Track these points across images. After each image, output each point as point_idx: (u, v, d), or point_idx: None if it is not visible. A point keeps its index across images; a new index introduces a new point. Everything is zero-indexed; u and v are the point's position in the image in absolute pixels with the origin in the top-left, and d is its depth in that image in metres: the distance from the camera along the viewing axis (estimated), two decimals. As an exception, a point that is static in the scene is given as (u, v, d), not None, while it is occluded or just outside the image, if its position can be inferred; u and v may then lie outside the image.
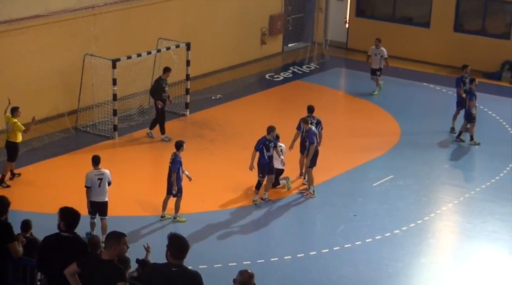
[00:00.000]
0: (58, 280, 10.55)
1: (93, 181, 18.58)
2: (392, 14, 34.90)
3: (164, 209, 20.15)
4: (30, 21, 24.63)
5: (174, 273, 9.68)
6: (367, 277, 18.19)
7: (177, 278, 9.67)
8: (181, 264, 9.73)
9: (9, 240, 11.24)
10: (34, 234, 14.38)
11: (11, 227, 11.75)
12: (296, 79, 31.94)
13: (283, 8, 34.36)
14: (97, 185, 18.60)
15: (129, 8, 27.53)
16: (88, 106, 26.00)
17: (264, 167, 21.09)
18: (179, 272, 9.68)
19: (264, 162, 21.03)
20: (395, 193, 22.41)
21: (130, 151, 24.69)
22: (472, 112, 25.43)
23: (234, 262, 18.28)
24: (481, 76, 30.99)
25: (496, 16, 33.58)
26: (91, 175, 18.64)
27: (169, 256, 9.74)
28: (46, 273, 11.06)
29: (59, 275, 10.41)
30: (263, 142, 20.99)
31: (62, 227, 10.70)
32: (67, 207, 10.87)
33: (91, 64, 25.67)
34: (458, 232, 20.77)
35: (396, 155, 24.96)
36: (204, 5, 30.42)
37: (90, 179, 18.58)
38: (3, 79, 24.27)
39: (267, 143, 20.98)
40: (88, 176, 18.65)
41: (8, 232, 11.33)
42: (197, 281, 9.72)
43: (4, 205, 11.45)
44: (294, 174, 22.61)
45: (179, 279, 9.67)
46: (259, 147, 20.95)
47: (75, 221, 10.74)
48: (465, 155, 25.47)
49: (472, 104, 25.42)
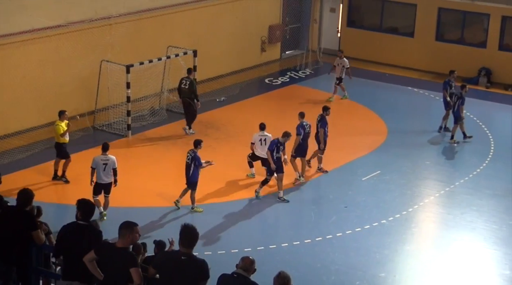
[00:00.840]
0: (75, 264, 10.57)
1: (98, 164, 19.05)
2: (379, 24, 34.83)
3: (181, 196, 20.29)
4: (52, 30, 24.61)
5: (182, 261, 9.66)
6: (357, 263, 18.19)
7: (185, 265, 9.65)
8: (190, 253, 9.70)
9: (33, 227, 11.25)
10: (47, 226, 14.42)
11: (34, 216, 11.81)
12: (293, 83, 31.90)
13: (281, 19, 34.30)
14: (102, 168, 19.03)
15: (141, 18, 27.50)
16: (105, 107, 25.98)
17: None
18: (187, 261, 9.66)
19: (272, 161, 20.95)
20: (382, 187, 22.39)
21: (142, 148, 24.69)
22: (461, 115, 25.43)
23: (236, 249, 18.29)
24: (460, 81, 30.92)
25: (474, 26, 33.54)
26: (97, 159, 19.13)
27: (180, 244, 9.75)
28: (64, 258, 11.08)
29: (76, 259, 10.43)
30: (276, 143, 20.95)
31: (79, 216, 10.81)
32: (84, 199, 10.98)
33: (107, 69, 25.66)
34: (439, 222, 20.76)
35: (383, 153, 24.93)
36: (210, 16, 30.38)
37: (96, 162, 19.10)
38: (29, 83, 24.26)
39: (279, 145, 20.94)
40: (94, 160, 19.16)
41: (31, 220, 11.35)
42: (203, 269, 9.68)
43: (29, 197, 11.45)
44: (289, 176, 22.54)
45: (186, 267, 9.64)
46: (272, 148, 20.91)
47: (90, 211, 10.81)
48: (445, 152, 25.45)
49: (462, 108, 25.41)
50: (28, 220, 11.28)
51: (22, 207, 11.40)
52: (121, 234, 10.05)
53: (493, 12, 32.05)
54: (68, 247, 10.74)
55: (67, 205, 19.72)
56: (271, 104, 29.67)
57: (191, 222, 9.94)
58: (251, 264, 9.53)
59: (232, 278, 9.52)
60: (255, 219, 20.44)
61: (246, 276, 9.49)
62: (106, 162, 19.10)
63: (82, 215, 10.76)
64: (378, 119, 27.89)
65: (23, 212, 11.32)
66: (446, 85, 26.65)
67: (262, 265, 9.62)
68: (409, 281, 17.84)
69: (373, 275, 17.69)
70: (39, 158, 22.95)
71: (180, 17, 29.09)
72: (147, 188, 21.51)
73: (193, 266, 9.67)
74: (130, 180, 21.52)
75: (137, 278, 9.85)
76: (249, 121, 26.91)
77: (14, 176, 21.42)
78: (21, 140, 23.84)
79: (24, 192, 11.51)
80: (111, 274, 10.09)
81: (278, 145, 20.90)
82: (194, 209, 20.21)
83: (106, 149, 19.27)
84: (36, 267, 11.62)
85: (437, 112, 27.08)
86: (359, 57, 33.33)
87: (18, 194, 11.51)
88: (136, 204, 20.59)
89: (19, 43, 23.85)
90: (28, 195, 11.44)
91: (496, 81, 31.85)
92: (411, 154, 25.00)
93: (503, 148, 25.32)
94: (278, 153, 20.91)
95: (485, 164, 24.07)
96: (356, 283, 17.26)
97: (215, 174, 22.42)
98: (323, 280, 17.39)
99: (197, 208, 20.24)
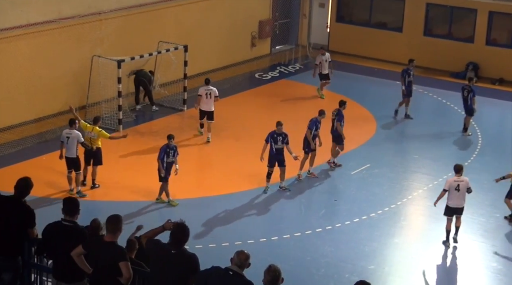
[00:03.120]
0: (60, 265, 10.48)
1: (63, 138, 20.23)
2: (368, 20, 34.82)
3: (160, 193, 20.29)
4: (44, 25, 24.49)
5: (172, 255, 9.61)
6: (346, 256, 18.17)
7: (174, 259, 9.60)
8: (180, 248, 9.64)
9: (30, 226, 11.07)
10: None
11: (33, 213, 11.26)
12: (283, 78, 31.86)
13: (271, 14, 34.24)
14: (65, 142, 20.08)
15: (132, 14, 27.40)
16: (96, 102, 25.88)
17: (272, 158, 20.98)
18: (177, 254, 9.60)
19: (272, 153, 20.88)
20: (371, 180, 22.38)
21: (133, 142, 24.59)
22: (474, 107, 25.53)
23: (226, 243, 18.25)
24: (448, 76, 30.97)
25: (461, 22, 33.56)
26: (63, 132, 20.28)
27: (171, 241, 9.65)
28: (51, 258, 10.98)
29: (62, 260, 10.34)
30: (271, 135, 20.87)
31: (64, 215, 10.52)
32: (68, 197, 10.76)
33: (99, 64, 25.55)
34: (427, 215, 20.75)
35: (372, 147, 24.93)
36: (200, 11, 30.31)
37: (62, 136, 20.32)
38: (20, 78, 24.13)
39: (275, 136, 20.85)
40: (62, 134, 20.36)
41: (31, 218, 11.06)
42: (193, 262, 9.62)
43: (28, 187, 11.13)
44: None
45: (176, 261, 9.59)
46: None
47: (73, 208, 10.47)
48: (434, 146, 25.44)
49: (474, 100, 25.52)
50: (28, 217, 10.99)
51: (20, 197, 11.04)
52: (109, 229, 9.92)
53: (480, 7, 32.09)
54: (53, 248, 10.58)
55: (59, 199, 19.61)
56: (261, 98, 29.60)
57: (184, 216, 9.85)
58: (246, 259, 9.41)
59: (228, 275, 9.37)
60: (245, 213, 20.36)
61: (242, 275, 9.39)
62: (69, 135, 20.06)
63: (65, 212, 10.47)
64: (367, 113, 27.87)
65: (22, 205, 10.99)
66: (404, 73, 27.24)
67: (253, 259, 9.53)
68: (398, 273, 17.83)
69: (362, 267, 17.67)
70: (30, 153, 22.83)
71: (171, 12, 29.00)
72: (136, 183, 21.42)
73: (183, 260, 9.60)
74: (119, 174, 21.45)
75: (127, 272, 9.74)
76: (239, 115, 26.89)
77: (4, 170, 21.33)
78: (12, 134, 23.72)
79: (23, 180, 11.11)
80: (100, 268, 9.97)
81: (274, 136, 20.81)
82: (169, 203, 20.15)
83: (71, 125, 20.15)
84: (28, 260, 11.50)
85: (426, 107, 27.11)
86: (348, 52, 33.33)
87: (17, 182, 11.10)
88: (125, 198, 20.50)
89: (10, 38, 23.72)
90: (27, 185, 11.11)
91: (484, 75, 31.88)
92: (400, 148, 25.02)
93: (490, 142, 25.39)
94: (277, 144, 20.81)
95: (473, 158, 24.10)
96: (345, 276, 17.24)
97: (206, 167, 22.40)
98: (313, 273, 17.37)
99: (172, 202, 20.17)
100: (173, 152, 19.99)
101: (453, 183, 18.37)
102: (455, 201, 18.44)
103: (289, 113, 26.82)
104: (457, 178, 18.43)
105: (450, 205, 18.52)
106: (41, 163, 22.01)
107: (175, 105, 27.40)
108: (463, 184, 18.39)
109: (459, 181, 18.39)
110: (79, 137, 20.09)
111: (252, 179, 21.76)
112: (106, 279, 9.91)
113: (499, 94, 30.37)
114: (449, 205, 18.56)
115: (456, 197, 18.42)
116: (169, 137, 20.10)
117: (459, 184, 18.37)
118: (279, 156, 20.93)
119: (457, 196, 18.41)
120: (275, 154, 20.88)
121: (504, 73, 31.68)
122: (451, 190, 18.39)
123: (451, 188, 18.39)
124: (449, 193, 18.43)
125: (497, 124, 26.76)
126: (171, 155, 19.95)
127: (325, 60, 29.27)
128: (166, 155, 19.87)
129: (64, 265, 10.40)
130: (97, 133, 20.64)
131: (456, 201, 18.43)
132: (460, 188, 18.37)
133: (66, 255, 10.18)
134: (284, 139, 20.95)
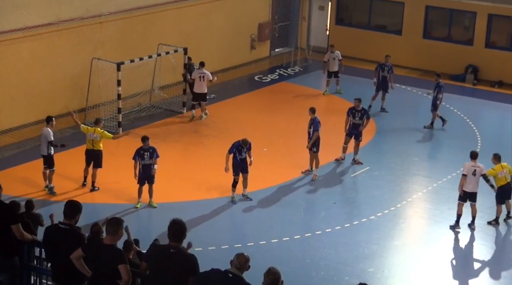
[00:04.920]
0: (59, 268, 10.45)
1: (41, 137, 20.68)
2: (368, 22, 34.84)
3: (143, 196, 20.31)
4: (43, 28, 24.50)
5: (172, 255, 9.61)
6: (346, 258, 18.17)
7: (174, 259, 9.60)
8: (179, 246, 9.64)
9: (12, 221, 10.89)
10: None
11: (14, 209, 11.21)
12: (282, 81, 31.87)
13: (270, 17, 34.26)
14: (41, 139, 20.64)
15: (132, 16, 27.42)
16: (95, 105, 25.87)
17: (237, 167, 20.85)
18: (176, 254, 9.61)
19: (236, 162, 20.74)
20: (371, 183, 22.38)
21: (132, 145, 24.52)
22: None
23: (226, 245, 18.23)
24: (448, 78, 30.96)
25: (461, 24, 33.60)
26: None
27: (169, 238, 9.68)
28: (49, 261, 10.94)
29: (59, 264, 10.31)
30: (236, 146, 20.74)
31: (64, 218, 10.44)
32: (69, 200, 10.58)
33: (98, 67, 25.56)
34: (427, 217, 20.76)
35: (372, 149, 24.93)
36: (200, 14, 30.32)
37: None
38: (20, 81, 24.12)
39: (240, 148, 20.73)
40: None
41: (11, 213, 10.92)
42: (192, 263, 9.62)
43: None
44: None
45: (175, 260, 9.59)
46: (232, 150, 20.71)
47: (70, 211, 10.36)
48: (433, 149, 25.47)
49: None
50: (7, 213, 10.88)
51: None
52: (109, 231, 9.89)
53: (479, 10, 32.10)
54: (51, 251, 10.55)
55: (58, 202, 19.60)
56: (260, 101, 29.61)
57: (183, 218, 9.84)
58: (246, 262, 9.40)
59: (227, 278, 9.36)
60: (245, 215, 20.37)
61: (242, 277, 9.38)
62: (42, 133, 20.53)
63: (64, 215, 10.38)
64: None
65: (2, 204, 10.93)
66: (378, 67, 28.25)
67: (252, 261, 9.52)
68: (398, 276, 17.84)
69: (362, 270, 17.67)
70: (29, 156, 22.80)
71: (170, 15, 29.03)
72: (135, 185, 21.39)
73: (182, 259, 9.61)
74: (120, 177, 21.45)
75: (126, 275, 9.72)
76: (238, 118, 26.89)
77: (4, 173, 21.29)
78: (11, 137, 23.71)
79: None
80: (99, 271, 9.95)
81: (239, 148, 20.68)
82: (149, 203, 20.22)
83: (47, 122, 20.52)
84: (28, 263, 11.48)
85: (425, 109, 27.08)
86: (347, 55, 33.26)
87: None
88: (123, 201, 20.47)
89: (10, 41, 23.73)
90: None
91: (483, 78, 31.91)
92: (399, 150, 25.01)
93: (489, 145, 25.33)
94: (241, 155, 20.63)
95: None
96: (345, 278, 17.24)
97: (205, 170, 22.38)
98: (312, 275, 17.37)
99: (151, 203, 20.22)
100: (148, 154, 19.92)
101: (470, 168, 19.26)
102: (471, 186, 19.21)
103: (289, 116, 26.83)
104: (474, 164, 19.34)
105: (466, 189, 19.21)
106: (40, 166, 21.96)
107: (174, 107, 27.41)
108: (479, 170, 19.30)
109: (475, 166, 19.30)
110: (48, 135, 20.31)
111: (253, 181, 21.71)
112: (105, 282, 9.89)
113: (499, 97, 30.38)
114: (465, 190, 19.23)
115: (473, 182, 19.20)
116: (143, 139, 20.05)
117: (476, 169, 19.24)
118: (243, 165, 20.84)
119: (473, 180, 19.20)
120: (240, 163, 20.77)
121: (503, 75, 31.69)
122: (468, 174, 19.21)
123: (469, 172, 19.22)
124: (467, 177, 19.20)
125: (497, 127, 26.74)
126: (146, 157, 19.89)
127: (333, 58, 29.47)
128: (140, 157, 19.84)
129: (62, 268, 10.38)
130: (100, 134, 20.65)
131: (472, 186, 19.21)
132: (476, 173, 19.20)
133: (64, 258, 10.14)
134: (249, 150, 20.77)
